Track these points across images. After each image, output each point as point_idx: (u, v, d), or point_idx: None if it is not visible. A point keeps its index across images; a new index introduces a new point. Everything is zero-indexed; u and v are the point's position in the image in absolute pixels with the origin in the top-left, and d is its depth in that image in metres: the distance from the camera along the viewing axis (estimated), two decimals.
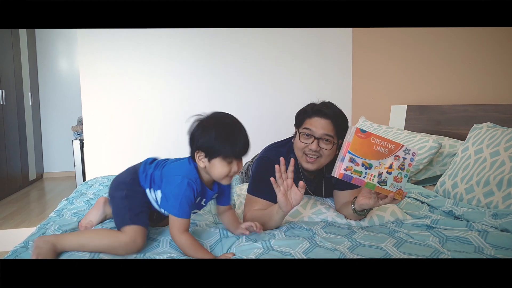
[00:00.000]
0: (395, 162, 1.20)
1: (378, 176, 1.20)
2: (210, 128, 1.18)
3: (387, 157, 1.20)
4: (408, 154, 1.21)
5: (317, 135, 1.37)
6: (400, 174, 1.21)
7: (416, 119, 2.51)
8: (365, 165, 1.20)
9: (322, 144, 1.37)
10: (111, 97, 3.14)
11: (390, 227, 1.38)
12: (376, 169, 1.20)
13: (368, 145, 1.19)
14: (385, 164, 1.20)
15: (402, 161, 1.21)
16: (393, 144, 1.20)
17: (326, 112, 1.38)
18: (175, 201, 1.18)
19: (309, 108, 1.42)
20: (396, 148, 1.20)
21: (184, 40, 3.20)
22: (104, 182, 2.18)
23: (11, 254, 1.16)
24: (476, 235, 1.20)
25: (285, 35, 3.33)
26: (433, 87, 2.47)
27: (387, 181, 1.21)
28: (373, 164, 1.20)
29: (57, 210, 1.69)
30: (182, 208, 1.18)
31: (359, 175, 1.20)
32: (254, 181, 1.47)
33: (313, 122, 1.38)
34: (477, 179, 1.55)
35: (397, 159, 1.21)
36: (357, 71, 3.39)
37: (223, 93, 3.30)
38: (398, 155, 1.20)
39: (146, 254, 1.16)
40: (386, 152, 1.20)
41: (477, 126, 1.78)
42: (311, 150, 1.37)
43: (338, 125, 1.39)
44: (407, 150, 1.21)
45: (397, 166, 1.21)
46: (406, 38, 2.68)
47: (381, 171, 1.20)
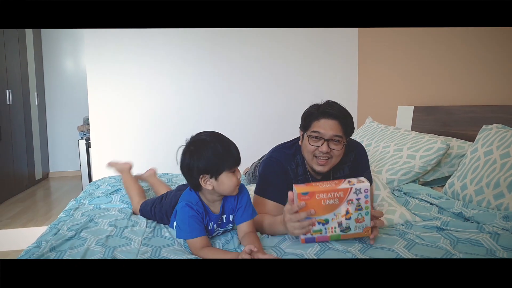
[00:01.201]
0: (350, 206, 1.16)
1: (339, 226, 1.17)
2: (204, 149, 1.17)
3: (340, 206, 1.16)
4: (361, 193, 1.15)
5: (326, 137, 1.37)
6: (360, 214, 1.17)
7: (423, 120, 2.51)
8: (321, 222, 1.17)
9: (332, 145, 1.38)
10: (118, 97, 3.15)
11: (400, 229, 1.38)
12: (334, 220, 1.17)
13: (316, 203, 1.15)
14: (340, 213, 1.16)
15: (357, 203, 1.16)
16: (341, 191, 1.15)
17: (332, 112, 1.38)
18: (183, 224, 1.21)
19: (315, 110, 1.41)
20: (345, 193, 1.15)
21: (191, 39, 3.21)
22: (112, 182, 2.19)
23: (24, 254, 1.17)
24: (488, 237, 1.20)
25: (291, 36, 3.33)
26: (440, 87, 2.46)
27: (350, 227, 1.18)
28: (329, 218, 1.17)
29: (66, 210, 1.70)
30: (192, 228, 1.20)
31: (320, 233, 1.18)
32: (261, 183, 1.48)
33: (321, 124, 1.38)
34: (487, 181, 1.55)
35: (351, 203, 1.16)
36: (363, 71, 3.39)
37: (230, 93, 3.31)
38: (350, 199, 1.15)
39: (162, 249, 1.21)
40: (337, 202, 1.15)
41: (487, 127, 1.77)
42: (321, 153, 1.37)
43: (346, 124, 1.39)
44: (357, 190, 1.15)
45: (353, 209, 1.16)
46: (413, 38, 2.68)
47: (340, 221, 1.17)
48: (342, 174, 1.52)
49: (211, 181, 1.19)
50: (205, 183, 1.19)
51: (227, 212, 1.31)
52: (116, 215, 1.59)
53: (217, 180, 1.18)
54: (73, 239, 1.29)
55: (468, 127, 2.13)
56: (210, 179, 1.18)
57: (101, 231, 1.37)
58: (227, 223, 1.34)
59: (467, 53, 2.23)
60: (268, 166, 1.48)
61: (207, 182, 1.19)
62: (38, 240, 1.28)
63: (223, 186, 1.19)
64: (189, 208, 1.22)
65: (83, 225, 1.43)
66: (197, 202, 1.24)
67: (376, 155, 2.16)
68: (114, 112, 3.16)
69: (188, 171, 1.19)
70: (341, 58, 3.43)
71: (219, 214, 1.29)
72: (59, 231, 1.37)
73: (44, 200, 4.24)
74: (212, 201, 1.27)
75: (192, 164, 1.17)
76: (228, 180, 1.19)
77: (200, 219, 1.22)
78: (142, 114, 3.20)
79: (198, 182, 1.19)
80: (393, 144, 2.13)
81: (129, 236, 1.32)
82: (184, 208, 1.22)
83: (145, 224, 1.49)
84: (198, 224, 1.21)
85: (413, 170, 1.91)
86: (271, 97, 3.36)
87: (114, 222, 1.48)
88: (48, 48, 5.28)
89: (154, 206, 1.57)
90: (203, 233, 1.21)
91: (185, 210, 1.22)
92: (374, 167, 2.04)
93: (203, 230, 1.22)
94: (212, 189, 1.20)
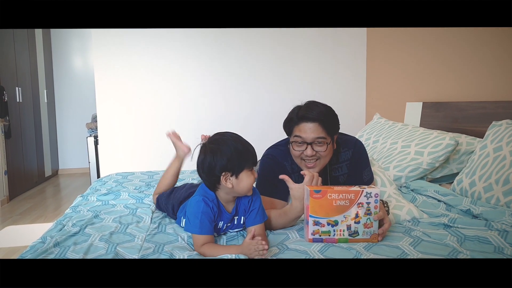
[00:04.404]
0: (360, 210, 1.17)
1: (347, 230, 1.18)
2: (225, 148, 1.17)
3: (350, 208, 1.17)
4: (371, 197, 1.17)
5: (308, 140, 1.36)
6: (369, 219, 1.18)
7: (432, 116, 2.47)
8: (331, 223, 1.18)
9: (316, 147, 1.37)
10: (125, 94, 3.16)
11: (407, 226, 1.36)
12: (343, 223, 1.18)
13: (327, 203, 1.17)
14: (350, 215, 1.18)
15: (367, 206, 1.17)
16: (352, 193, 1.17)
17: (311, 116, 1.36)
18: (195, 219, 1.20)
19: (294, 115, 1.40)
20: (357, 196, 1.17)
21: (198, 38, 3.20)
22: (118, 179, 2.20)
23: (29, 249, 1.18)
24: (496, 234, 1.18)
25: (298, 34, 3.30)
26: (449, 83, 2.42)
27: (358, 231, 1.19)
28: (339, 220, 1.18)
29: (72, 206, 1.71)
30: (203, 225, 1.19)
31: (328, 235, 1.19)
32: (260, 180, 1.48)
33: (301, 128, 1.37)
34: (496, 178, 1.52)
35: (361, 206, 1.17)
36: (371, 69, 3.35)
37: (236, 92, 3.30)
38: (360, 202, 1.17)
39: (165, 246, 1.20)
40: (348, 204, 1.17)
41: (496, 123, 1.74)
42: (307, 156, 1.37)
43: (327, 124, 1.37)
44: (368, 194, 1.17)
45: (363, 213, 1.18)
46: (422, 34, 2.63)
47: (349, 224, 1.18)
48: (340, 173, 1.50)
49: (232, 179, 1.18)
50: (225, 180, 1.18)
51: (240, 213, 1.30)
52: (122, 211, 1.60)
53: (238, 178, 1.18)
54: (77, 235, 1.30)
55: (479, 123, 2.09)
56: (231, 177, 1.18)
57: (105, 227, 1.37)
58: (238, 226, 1.32)
59: (477, 48, 2.19)
60: (266, 164, 1.49)
61: (227, 179, 1.18)
62: (44, 236, 1.28)
63: (242, 184, 1.19)
64: (205, 203, 1.21)
65: (87, 221, 1.44)
66: (213, 199, 1.23)
67: (383, 152, 2.13)
68: (122, 110, 3.17)
69: (209, 169, 1.18)
70: (349, 55, 3.39)
71: (232, 215, 1.28)
72: (64, 227, 1.38)
73: (54, 196, 4.29)
74: (226, 202, 1.26)
75: (215, 161, 1.17)
76: (247, 179, 1.19)
77: (212, 217, 1.22)
78: (149, 112, 3.21)
79: (218, 180, 1.19)
80: (401, 140, 2.11)
81: (133, 233, 1.33)
82: (199, 202, 1.21)
83: (150, 220, 1.49)
84: (210, 222, 1.20)
85: (421, 166, 1.88)
86: (278, 96, 3.34)
87: (118, 218, 1.49)
88: (57, 46, 5.33)
89: (163, 198, 1.58)
90: (211, 232, 1.21)
91: (201, 205, 1.21)
92: (381, 163, 2.02)
93: (212, 229, 1.22)
94: (231, 188, 1.19)
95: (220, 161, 1.16)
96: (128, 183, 2.14)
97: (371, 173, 1.55)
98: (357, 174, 1.51)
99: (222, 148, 1.17)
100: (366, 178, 1.52)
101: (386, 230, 1.22)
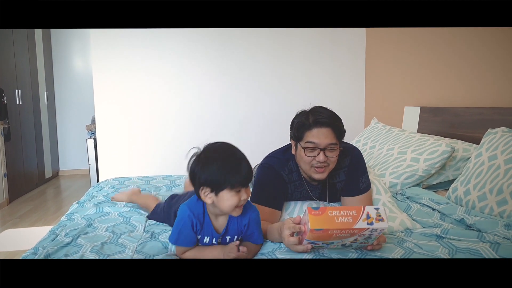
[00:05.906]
0: (359, 237, 1.10)
1: (342, 246, 1.15)
2: (211, 161, 1.10)
3: (353, 225, 1.05)
4: (375, 231, 1.08)
5: (322, 146, 1.35)
6: (366, 241, 1.13)
7: (429, 121, 2.46)
8: (326, 243, 1.13)
9: (328, 153, 1.36)
10: (124, 96, 3.16)
11: (399, 236, 1.36)
12: (339, 244, 1.14)
13: (326, 236, 1.08)
14: (348, 240, 1.11)
15: (368, 236, 1.10)
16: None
17: (325, 120, 1.35)
18: (176, 228, 1.18)
19: (305, 119, 1.38)
20: (360, 231, 1.07)
21: (197, 38, 3.20)
22: (115, 185, 2.21)
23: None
24: (487, 247, 1.17)
25: (297, 36, 3.30)
26: (447, 88, 2.41)
27: (352, 245, 1.16)
28: (335, 242, 1.12)
29: (68, 213, 1.72)
30: (180, 236, 1.17)
31: (322, 247, 1.16)
32: (256, 189, 1.47)
33: (315, 133, 1.36)
34: (490, 187, 1.51)
35: (362, 235, 1.09)
36: (370, 72, 3.34)
37: (234, 93, 3.29)
38: (363, 234, 1.09)
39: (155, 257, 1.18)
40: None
41: (492, 131, 1.73)
42: (319, 162, 1.36)
43: (338, 129, 1.38)
44: (373, 230, 1.07)
45: (362, 239, 1.12)
46: (420, 38, 2.62)
47: (344, 243, 1.14)
48: (337, 180, 1.50)
49: (211, 196, 1.11)
50: (204, 195, 1.11)
51: (231, 233, 1.22)
52: (115, 219, 1.60)
53: (217, 196, 1.10)
54: (69, 246, 1.30)
55: (476, 129, 2.08)
56: (211, 193, 1.11)
57: (98, 237, 1.38)
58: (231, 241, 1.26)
59: (475, 53, 2.18)
60: (262, 173, 1.48)
61: (207, 195, 1.11)
62: (36, 247, 1.29)
63: (222, 203, 1.11)
64: (188, 218, 1.16)
65: (80, 230, 1.44)
66: (199, 215, 1.17)
67: (380, 158, 2.12)
68: (120, 112, 3.17)
69: (192, 178, 1.14)
70: (348, 59, 3.38)
71: (221, 234, 1.21)
72: (57, 237, 1.38)
73: (54, 198, 4.31)
74: (215, 215, 1.19)
75: (196, 173, 1.11)
76: (228, 199, 1.10)
77: (191, 232, 1.17)
78: (147, 114, 3.21)
79: (198, 192, 1.14)
80: (397, 146, 2.10)
81: (124, 243, 1.33)
82: (184, 213, 1.17)
83: (143, 229, 1.49)
84: (189, 235, 1.18)
85: (416, 173, 1.87)
86: (276, 99, 3.34)
87: (112, 227, 1.49)
88: (57, 47, 5.34)
89: (163, 207, 1.57)
90: (190, 244, 1.19)
91: (184, 217, 1.17)
92: (377, 170, 2.01)
93: (192, 241, 1.19)
94: (211, 203, 1.13)
95: (200, 174, 1.10)
96: (125, 189, 2.14)
97: (368, 181, 1.55)
98: (354, 181, 1.51)
99: (207, 161, 1.10)
100: (363, 185, 1.52)
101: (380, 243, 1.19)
